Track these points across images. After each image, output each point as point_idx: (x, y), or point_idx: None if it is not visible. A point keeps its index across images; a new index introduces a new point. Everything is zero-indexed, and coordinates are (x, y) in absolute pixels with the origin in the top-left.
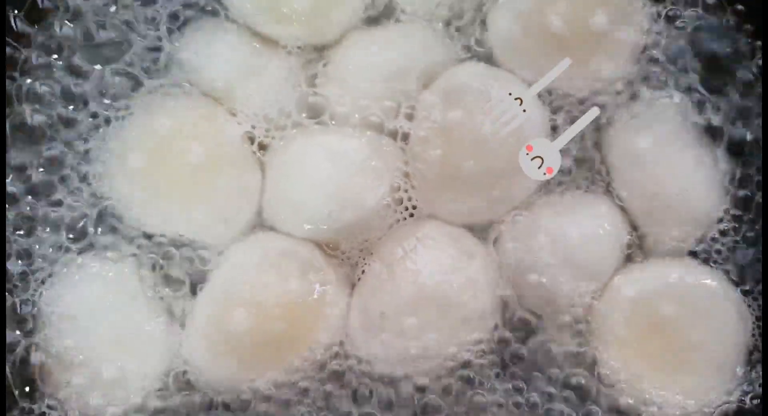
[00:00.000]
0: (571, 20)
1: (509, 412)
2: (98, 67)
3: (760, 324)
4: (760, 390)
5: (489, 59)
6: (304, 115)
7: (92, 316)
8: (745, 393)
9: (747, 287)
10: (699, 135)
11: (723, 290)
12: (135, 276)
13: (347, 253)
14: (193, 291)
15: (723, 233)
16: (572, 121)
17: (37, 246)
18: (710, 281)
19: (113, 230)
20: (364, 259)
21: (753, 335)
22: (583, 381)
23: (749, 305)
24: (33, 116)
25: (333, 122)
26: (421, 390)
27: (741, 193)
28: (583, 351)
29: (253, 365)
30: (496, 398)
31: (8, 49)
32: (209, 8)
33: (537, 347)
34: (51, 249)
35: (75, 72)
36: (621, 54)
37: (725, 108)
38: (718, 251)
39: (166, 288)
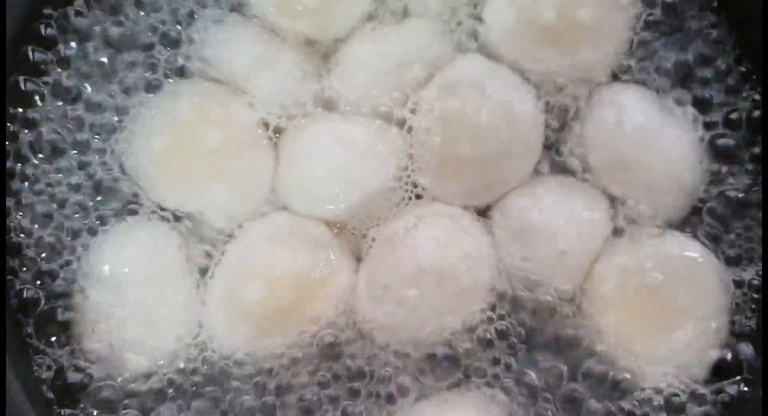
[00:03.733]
0: (562, 13)
1: (503, 378)
2: (126, 55)
3: (742, 291)
4: (743, 350)
5: (486, 52)
6: (314, 103)
7: (121, 279)
8: (728, 353)
9: (730, 256)
10: (679, 114)
11: (705, 260)
12: (159, 247)
13: (353, 231)
14: (211, 265)
15: (704, 206)
16: (561, 108)
17: (66, 214)
18: (692, 252)
19: (138, 205)
20: (368, 237)
21: (734, 302)
22: (575, 347)
23: (734, 280)
24: (67, 79)
25: (341, 110)
26: (420, 354)
27: (723, 168)
28: (576, 321)
29: (267, 331)
30: (491, 364)
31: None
32: (230, 4)
33: (530, 315)
34: (79, 215)
35: (105, 60)
36: (608, 43)
37: (706, 88)
38: (701, 223)
39: (186, 261)
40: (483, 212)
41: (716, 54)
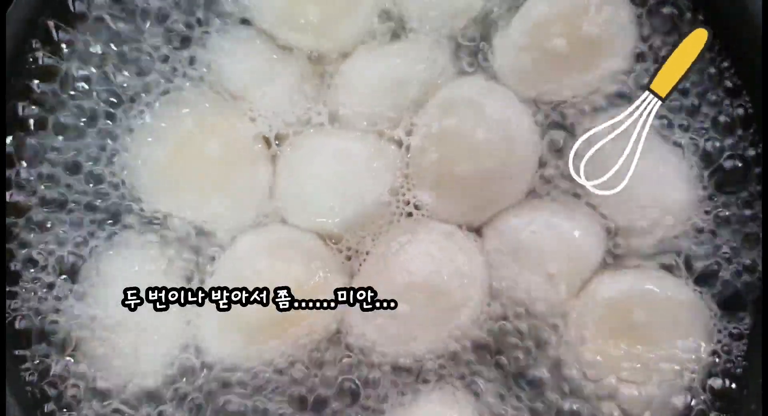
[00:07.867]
0: (569, 40)
1: (489, 395)
2: (128, 65)
3: (728, 333)
4: (720, 384)
5: (490, 74)
6: (313, 117)
7: (115, 286)
8: (707, 395)
9: (717, 298)
10: (671, 143)
11: (691, 301)
12: (155, 255)
13: (347, 245)
14: (206, 275)
15: (695, 241)
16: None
17: (62, 223)
18: (679, 293)
19: (136, 215)
20: (361, 251)
21: (716, 341)
22: (554, 370)
23: (715, 315)
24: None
25: (340, 125)
26: (410, 369)
27: (713, 201)
28: (557, 345)
29: (258, 341)
30: (478, 381)
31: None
32: (233, 16)
33: (514, 335)
34: (82, 227)
35: (107, 69)
36: (612, 67)
37: (695, 117)
38: (685, 259)
39: (181, 271)
40: (475, 231)
41: (717, 90)
